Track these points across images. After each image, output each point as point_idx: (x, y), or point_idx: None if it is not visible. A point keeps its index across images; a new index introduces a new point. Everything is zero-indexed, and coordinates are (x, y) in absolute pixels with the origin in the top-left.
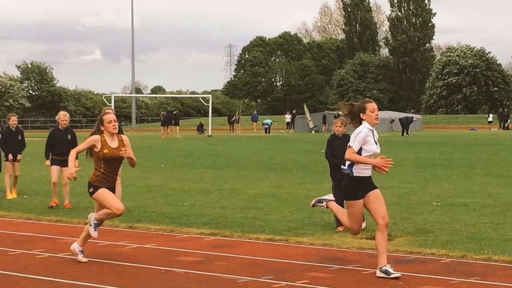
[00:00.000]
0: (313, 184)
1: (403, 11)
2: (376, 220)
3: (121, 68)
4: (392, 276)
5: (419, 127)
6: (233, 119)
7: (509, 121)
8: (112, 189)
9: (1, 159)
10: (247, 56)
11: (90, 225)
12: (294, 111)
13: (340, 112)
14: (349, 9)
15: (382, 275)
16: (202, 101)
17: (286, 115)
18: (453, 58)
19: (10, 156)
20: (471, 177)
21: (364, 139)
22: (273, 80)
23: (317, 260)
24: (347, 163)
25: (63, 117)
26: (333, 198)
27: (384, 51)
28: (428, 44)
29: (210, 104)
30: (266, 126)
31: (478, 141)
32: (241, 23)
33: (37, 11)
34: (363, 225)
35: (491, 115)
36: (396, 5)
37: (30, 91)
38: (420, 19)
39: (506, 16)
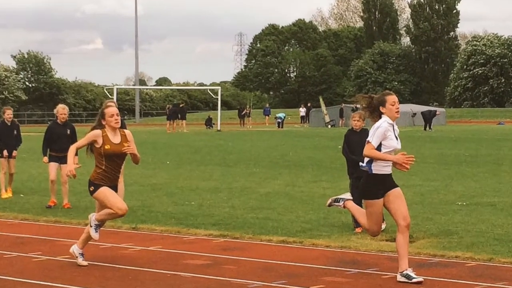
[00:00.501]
0: (329, 183)
1: None
2: (397, 221)
3: (123, 58)
4: (414, 280)
5: (442, 121)
6: (244, 112)
7: None
8: (114, 188)
9: None
10: (258, 45)
11: (91, 226)
12: (309, 104)
13: (358, 105)
14: None
15: (403, 279)
16: (211, 93)
17: (301, 109)
18: (479, 47)
19: (5, 152)
20: (498, 174)
21: (384, 134)
22: (286, 71)
23: (334, 263)
24: (366, 159)
25: (61, 110)
26: (351, 197)
27: (405, 40)
28: (452, 33)
29: (219, 97)
30: (279, 120)
31: (506, 136)
32: (252, 10)
33: None
34: (383, 226)
35: None
36: None
37: (27, 83)
38: (443, 6)
39: None
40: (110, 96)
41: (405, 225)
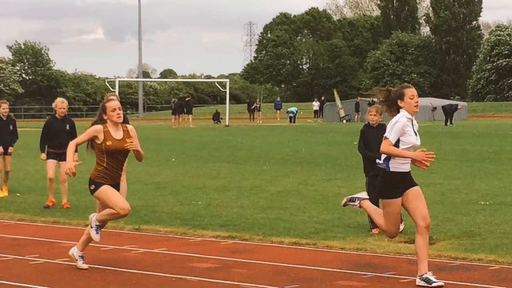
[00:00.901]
0: (344, 181)
1: None
2: (416, 222)
3: (126, 49)
4: (434, 285)
5: (464, 116)
6: (254, 106)
7: None
8: (116, 186)
9: None
10: (269, 35)
11: (92, 227)
12: (322, 98)
13: (375, 99)
14: None
15: (422, 283)
16: (218, 86)
17: (314, 103)
18: (503, 37)
19: (1, 149)
20: None
21: (402, 130)
22: (299, 62)
23: (349, 266)
24: (383, 156)
25: (60, 104)
26: (367, 197)
27: (425, 30)
28: (474, 22)
29: (227, 90)
30: (291, 115)
31: None
32: None
33: None
34: (401, 227)
35: None
36: None
37: (23, 75)
38: None
39: None
40: (112, 89)
41: (425, 226)
